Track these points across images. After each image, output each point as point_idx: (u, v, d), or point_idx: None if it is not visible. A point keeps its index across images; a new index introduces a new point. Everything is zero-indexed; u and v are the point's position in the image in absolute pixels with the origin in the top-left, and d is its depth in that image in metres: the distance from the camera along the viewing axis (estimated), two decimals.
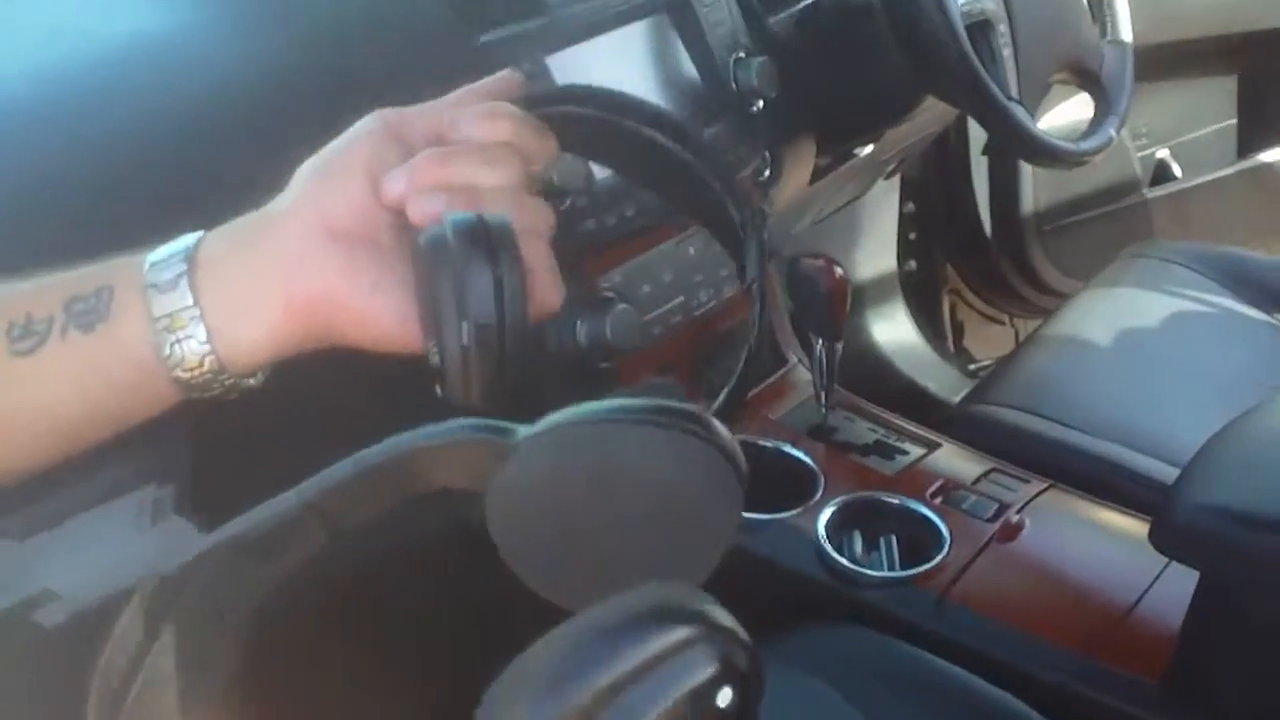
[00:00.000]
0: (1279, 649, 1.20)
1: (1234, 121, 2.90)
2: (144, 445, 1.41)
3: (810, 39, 1.74)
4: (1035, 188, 2.58)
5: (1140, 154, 2.74)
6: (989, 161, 2.57)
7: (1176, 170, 2.79)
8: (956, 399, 2.11)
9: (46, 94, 1.23)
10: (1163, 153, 2.80)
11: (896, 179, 2.47)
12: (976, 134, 2.51)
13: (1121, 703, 1.31)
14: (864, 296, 2.45)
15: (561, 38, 1.45)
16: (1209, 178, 2.78)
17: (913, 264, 2.60)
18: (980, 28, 1.70)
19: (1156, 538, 1.25)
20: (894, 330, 2.51)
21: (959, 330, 2.70)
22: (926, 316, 2.59)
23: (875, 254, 2.49)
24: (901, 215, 2.56)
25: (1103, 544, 1.50)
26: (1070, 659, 1.34)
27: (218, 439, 1.41)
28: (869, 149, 1.96)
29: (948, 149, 2.54)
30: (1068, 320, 1.92)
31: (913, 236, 2.59)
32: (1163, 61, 2.54)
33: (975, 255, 2.64)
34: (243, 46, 1.33)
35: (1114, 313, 1.92)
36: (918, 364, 2.49)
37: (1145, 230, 2.65)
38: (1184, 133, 2.83)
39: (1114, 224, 2.65)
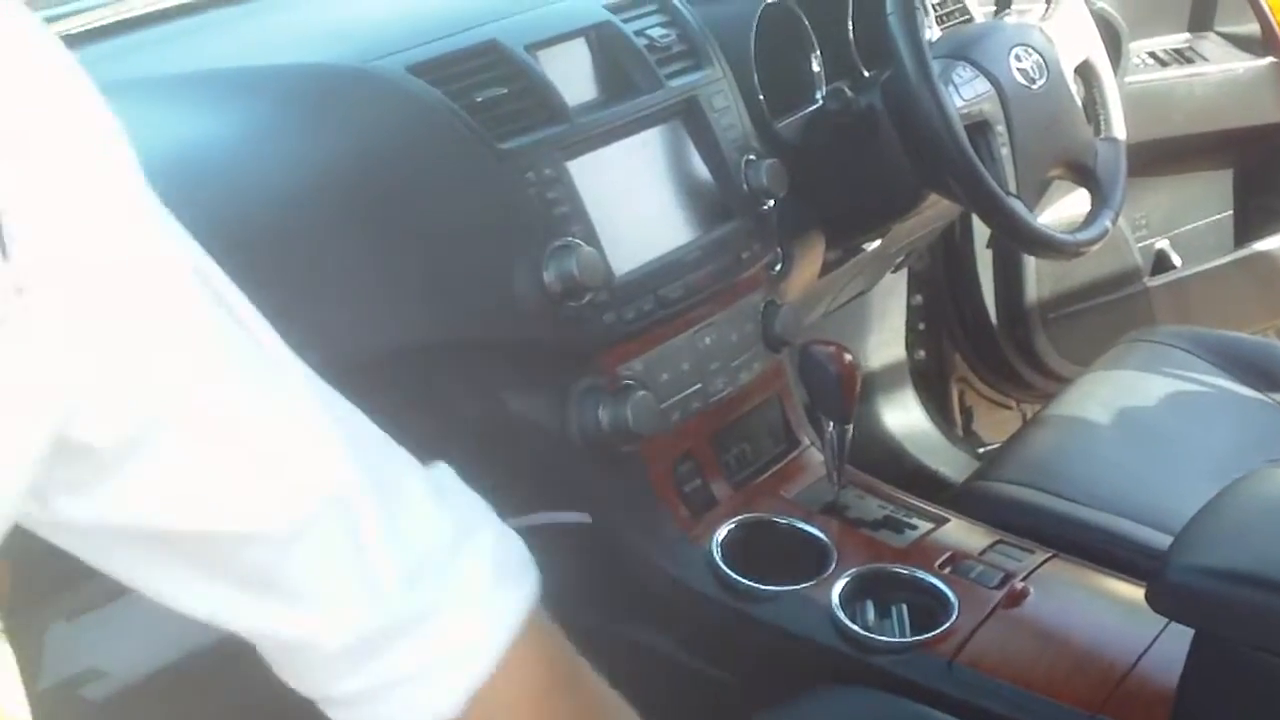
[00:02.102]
0: (1270, 700, 1.27)
1: (1230, 213, 3.00)
2: None
3: (817, 141, 1.84)
4: (1039, 278, 2.67)
5: (1140, 244, 2.83)
6: (993, 254, 2.65)
7: (1176, 260, 2.88)
8: None
9: None
10: (1162, 243, 2.89)
11: (904, 272, 2.56)
12: (981, 228, 2.59)
13: None
14: (875, 384, 2.53)
15: (581, 144, 1.55)
16: (1207, 266, 2.87)
17: (922, 353, 2.69)
18: (979, 128, 1.79)
19: (1153, 598, 1.33)
20: (905, 416, 2.59)
21: (968, 415, 2.78)
22: (936, 403, 2.67)
23: (885, 344, 2.57)
24: (910, 307, 2.64)
25: (1103, 608, 1.57)
26: (1076, 716, 1.41)
27: None
28: (876, 244, 2.06)
29: (953, 243, 2.63)
30: (1070, 402, 2.00)
31: (921, 327, 2.68)
32: (1162, 156, 2.64)
33: (982, 344, 2.72)
34: (283, 158, 1.43)
35: (1114, 394, 2.00)
36: (928, 448, 2.57)
37: (1147, 317, 2.73)
38: (1182, 224, 2.92)
39: (1116, 312, 2.73)
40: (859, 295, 2.36)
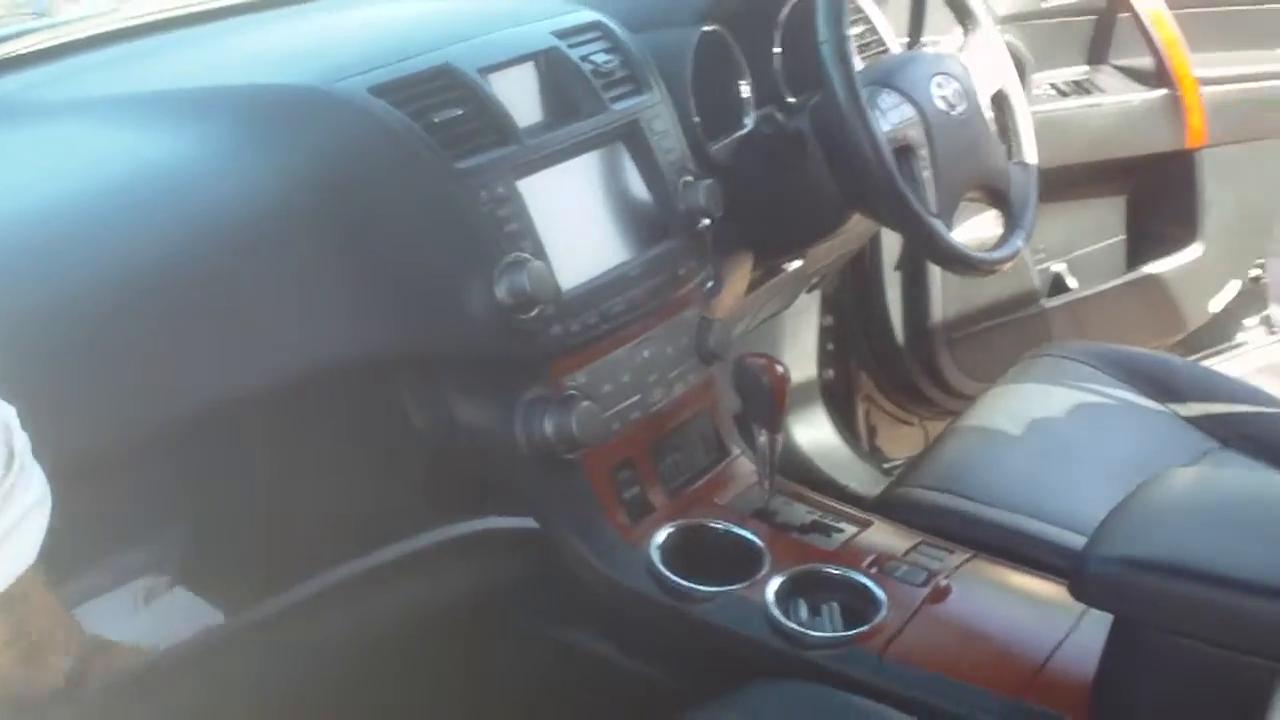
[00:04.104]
0: (1185, 683, 1.37)
1: (1123, 237, 3.13)
2: (144, 542, 1.57)
3: (747, 163, 1.92)
4: (944, 300, 2.77)
5: (1039, 267, 2.94)
6: (901, 276, 2.75)
7: (1072, 282, 3.00)
8: (872, 494, 2.26)
9: (65, 214, 1.38)
10: (1059, 266, 3.01)
11: (817, 294, 2.65)
12: (890, 251, 2.70)
13: None
14: (787, 402, 2.61)
15: (531, 164, 1.62)
16: (1101, 288, 2.99)
17: (830, 372, 2.77)
18: (904, 152, 1.87)
19: (1075, 588, 1.42)
20: (814, 433, 2.68)
21: (872, 432, 2.87)
22: (843, 420, 2.76)
23: (797, 363, 2.66)
24: (820, 328, 2.73)
25: (1022, 602, 1.67)
26: (1001, 702, 1.50)
27: (214, 530, 1.56)
28: (797, 264, 2.14)
29: (862, 266, 2.72)
30: (981, 413, 2.09)
31: (830, 347, 2.76)
32: (1061, 183, 2.75)
33: (888, 363, 2.81)
34: (242, 176, 1.48)
35: (1023, 405, 2.09)
36: (837, 463, 2.66)
37: (1044, 336, 2.84)
38: (1078, 248, 3.04)
39: (1015, 331, 2.84)
40: (774, 315, 2.45)
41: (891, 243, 2.68)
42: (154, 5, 1.90)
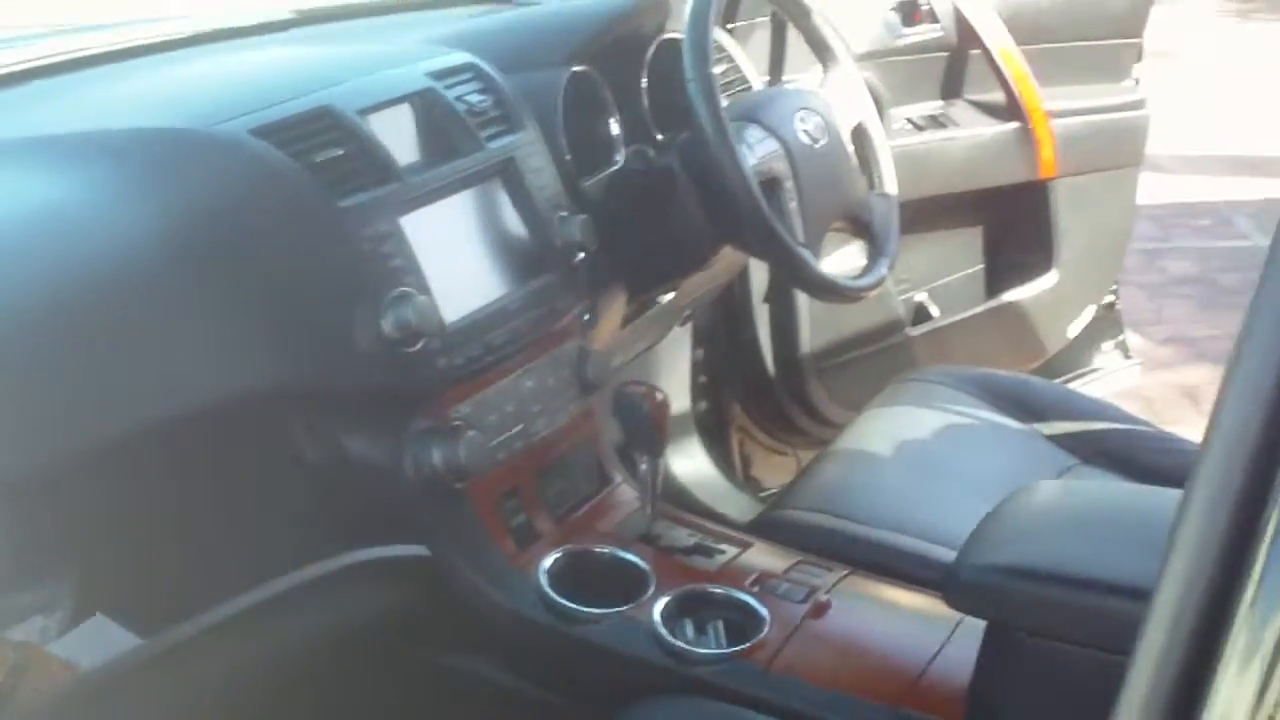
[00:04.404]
0: (1056, 684, 1.43)
1: (982, 266, 3.22)
2: (36, 583, 1.58)
3: (619, 199, 1.97)
4: (811, 331, 2.82)
5: (902, 297, 3.02)
6: (770, 309, 2.81)
7: (934, 310, 3.08)
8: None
9: None
10: (921, 296, 3.08)
11: (689, 327, 2.70)
12: (758, 284, 2.76)
13: None
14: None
15: (412, 201, 1.67)
16: (962, 316, 3.07)
17: (704, 404, 2.82)
18: (770, 184, 1.93)
19: (949, 597, 1.48)
20: (690, 463, 2.72)
21: (747, 462, 2.93)
22: (718, 450, 2.80)
23: (671, 395, 2.68)
24: (693, 360, 2.78)
25: (899, 615, 1.73)
26: (882, 711, 1.56)
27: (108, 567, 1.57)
28: (669, 296, 2.20)
29: (732, 299, 2.77)
30: (852, 437, 2.16)
31: (703, 379, 2.81)
32: (920, 215, 2.82)
33: (760, 393, 2.87)
34: (128, 217, 1.50)
35: (891, 428, 2.16)
36: (714, 493, 2.71)
37: (910, 364, 2.90)
38: (939, 278, 3.12)
39: (882, 360, 2.91)
40: (649, 348, 2.49)
41: (760, 276, 2.74)
42: (33, 51, 1.91)
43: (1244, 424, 0.73)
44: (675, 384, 2.70)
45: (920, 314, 3.08)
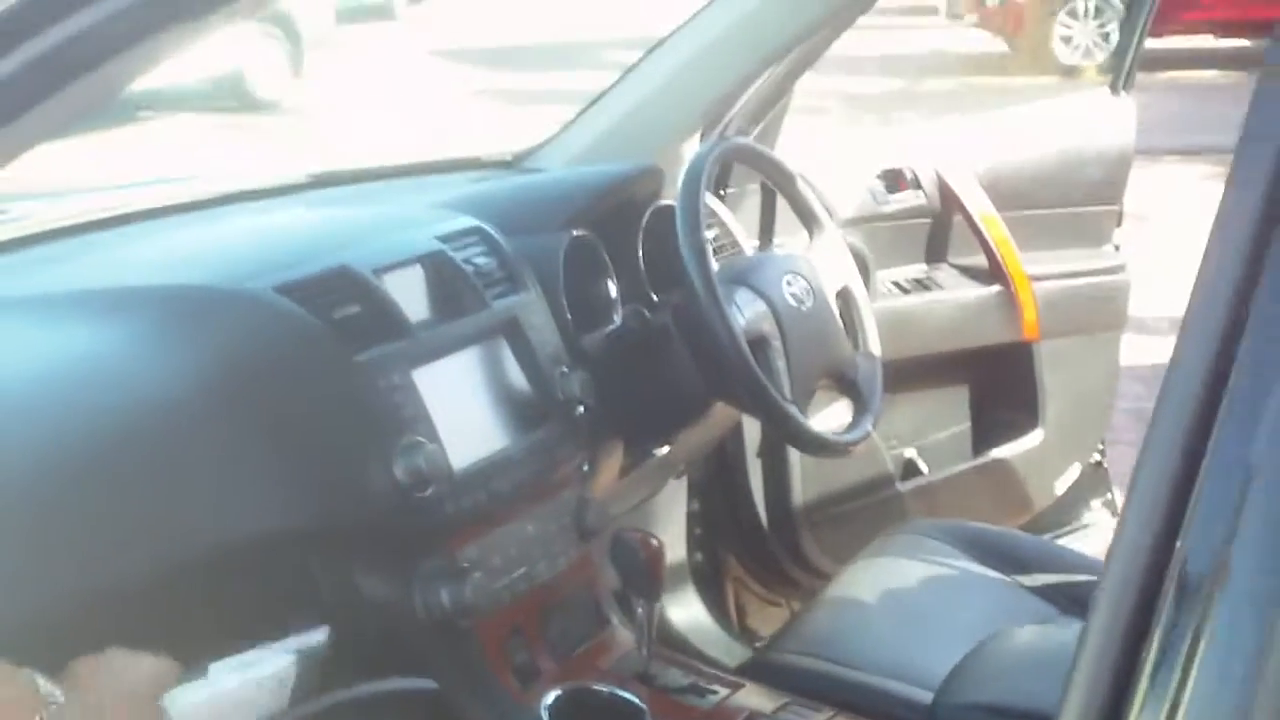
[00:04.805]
0: None
1: (968, 425, 3.32)
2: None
3: (618, 356, 2.07)
4: (803, 485, 2.92)
5: (891, 453, 3.11)
6: (763, 463, 2.90)
7: (923, 466, 3.17)
8: None
9: None
10: (910, 452, 3.18)
11: (684, 480, 2.79)
12: (751, 439, 2.86)
13: None
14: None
15: (423, 356, 1.77)
16: (949, 472, 3.16)
17: (699, 555, 2.91)
18: (759, 344, 2.03)
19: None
20: (686, 612, 2.80)
21: (742, 611, 3.00)
22: (713, 599, 2.88)
23: (667, 545, 2.77)
24: (689, 512, 2.87)
25: None
26: None
27: None
28: (666, 450, 2.30)
29: (726, 453, 2.87)
30: (842, 585, 2.25)
31: (699, 531, 2.90)
32: (906, 375, 2.92)
33: (754, 545, 2.95)
34: (159, 367, 1.62)
35: (879, 578, 2.25)
36: (709, 640, 2.78)
37: (900, 518, 2.97)
38: (927, 435, 3.22)
39: (873, 513, 3.00)
40: (646, 500, 2.59)
41: (753, 431, 2.84)
42: (73, 208, 2.04)
43: (1133, 553, 0.83)
44: (671, 534, 2.79)
45: (909, 469, 3.17)
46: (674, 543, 2.80)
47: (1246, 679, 0.77)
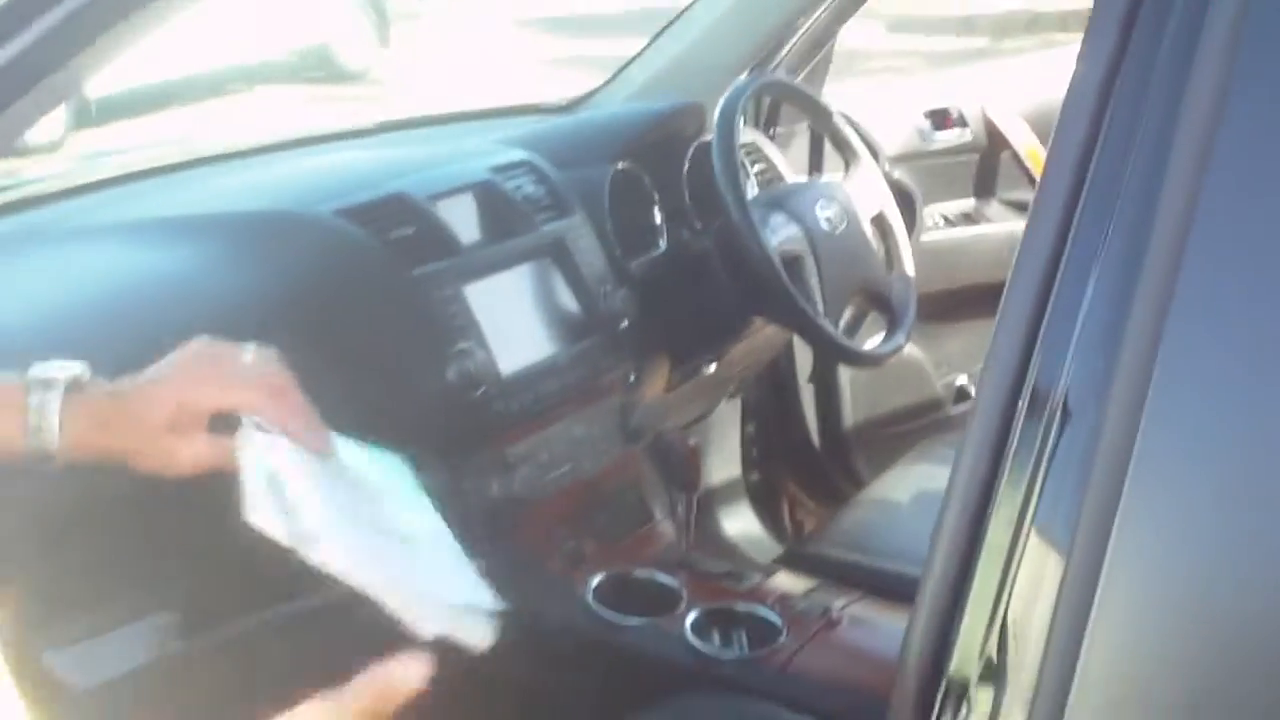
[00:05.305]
0: None
1: None
2: None
3: (663, 278, 2.22)
4: (855, 409, 3.06)
5: (942, 380, 3.24)
6: (815, 387, 3.04)
7: (973, 392, 3.28)
8: None
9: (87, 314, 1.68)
10: (961, 379, 3.30)
11: (738, 402, 2.94)
12: (803, 364, 2.99)
13: None
14: (715, 500, 2.87)
15: (474, 273, 1.94)
16: None
17: (755, 475, 3.05)
18: (792, 262, 2.17)
19: None
20: (743, 527, 2.94)
21: (798, 528, 3.15)
22: (770, 516, 3.02)
23: (723, 465, 2.93)
24: (744, 435, 3.01)
25: (901, 630, 1.95)
26: (880, 706, 1.77)
27: None
28: (713, 367, 2.44)
29: (779, 378, 3.00)
30: (878, 487, 2.41)
31: (754, 453, 3.04)
32: (956, 304, 3.04)
33: (807, 466, 3.09)
34: (230, 281, 1.79)
35: (915, 481, 2.40)
36: (762, 554, 2.93)
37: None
38: (977, 363, 3.32)
39: (923, 436, 3.09)
40: (700, 420, 2.74)
41: (804, 358, 2.98)
42: (160, 153, 2.22)
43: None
44: (726, 455, 2.93)
45: (960, 395, 3.28)
46: (729, 461, 2.94)
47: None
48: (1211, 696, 0.89)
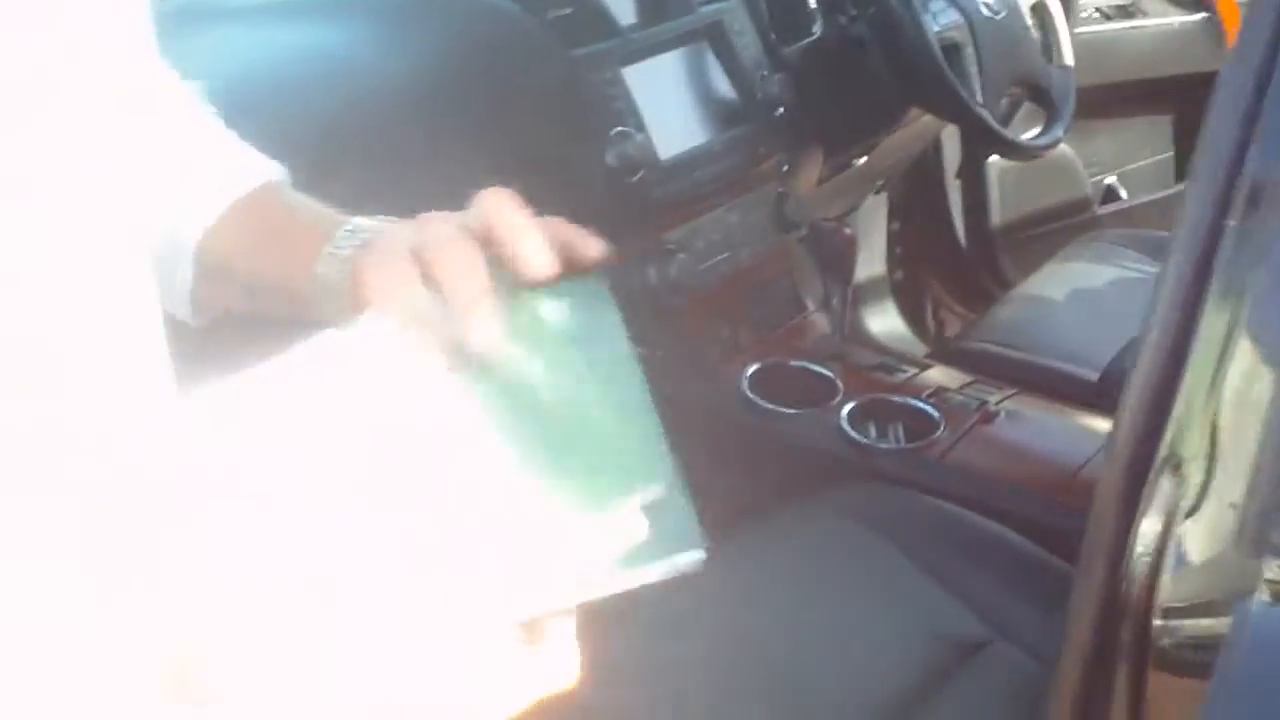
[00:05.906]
0: None
1: (1171, 154, 3.35)
2: None
3: (818, 64, 2.17)
4: (1002, 207, 3.01)
5: (1092, 179, 3.17)
6: (962, 184, 2.99)
7: (1123, 193, 3.22)
8: None
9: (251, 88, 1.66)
10: (1110, 179, 3.23)
11: (884, 198, 2.90)
12: (950, 161, 2.94)
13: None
14: (861, 296, 2.86)
15: (632, 55, 1.91)
16: (1150, 198, 3.22)
17: (900, 274, 3.03)
18: (952, 50, 2.12)
19: (1100, 395, 1.69)
20: (887, 324, 2.92)
21: (942, 327, 3.12)
22: (913, 315, 3.00)
23: (868, 263, 2.90)
24: (889, 232, 2.98)
25: (1056, 426, 1.93)
26: (1038, 501, 1.76)
27: None
28: (864, 160, 2.40)
29: (926, 174, 2.96)
30: (1031, 284, 2.38)
31: (899, 250, 3.01)
32: (1108, 101, 2.97)
33: (953, 265, 3.06)
34: (388, 59, 1.78)
35: (1067, 278, 2.36)
36: (910, 353, 2.91)
37: None
38: (1128, 163, 3.26)
39: (1070, 235, 3.06)
40: (847, 214, 2.70)
41: (952, 153, 2.92)
42: None
43: None
44: (872, 251, 2.90)
45: (1109, 195, 3.23)
46: (874, 259, 2.92)
47: None
48: None
